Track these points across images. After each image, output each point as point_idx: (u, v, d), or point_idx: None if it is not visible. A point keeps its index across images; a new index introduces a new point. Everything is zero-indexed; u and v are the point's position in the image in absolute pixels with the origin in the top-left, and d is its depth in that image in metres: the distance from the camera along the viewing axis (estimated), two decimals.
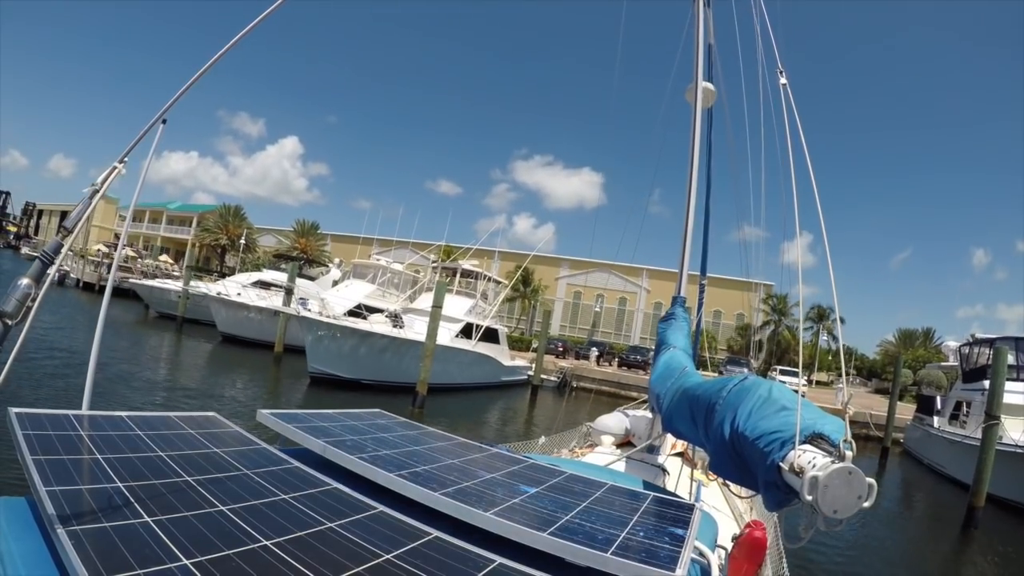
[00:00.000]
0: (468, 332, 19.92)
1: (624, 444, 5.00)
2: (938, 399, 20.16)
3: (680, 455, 4.80)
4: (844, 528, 1.62)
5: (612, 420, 5.33)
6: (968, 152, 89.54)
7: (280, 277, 25.70)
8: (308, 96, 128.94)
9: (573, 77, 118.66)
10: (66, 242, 1.52)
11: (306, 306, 17.07)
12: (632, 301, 53.51)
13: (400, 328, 17.83)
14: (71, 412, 1.88)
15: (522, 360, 25.99)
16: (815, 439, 1.78)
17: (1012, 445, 12.30)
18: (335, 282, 27.51)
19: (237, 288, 24.37)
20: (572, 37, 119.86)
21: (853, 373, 49.30)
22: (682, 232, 4.88)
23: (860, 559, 8.15)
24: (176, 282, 29.40)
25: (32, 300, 1.36)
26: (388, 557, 1.29)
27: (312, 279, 28.50)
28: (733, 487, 3.99)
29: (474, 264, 24.37)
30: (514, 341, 31.06)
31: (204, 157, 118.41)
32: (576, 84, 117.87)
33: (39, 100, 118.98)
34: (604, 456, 4.23)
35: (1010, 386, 12.78)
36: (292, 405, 13.14)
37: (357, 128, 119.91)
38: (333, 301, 20.11)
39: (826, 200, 2.29)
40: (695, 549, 1.76)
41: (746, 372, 26.03)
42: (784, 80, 2.69)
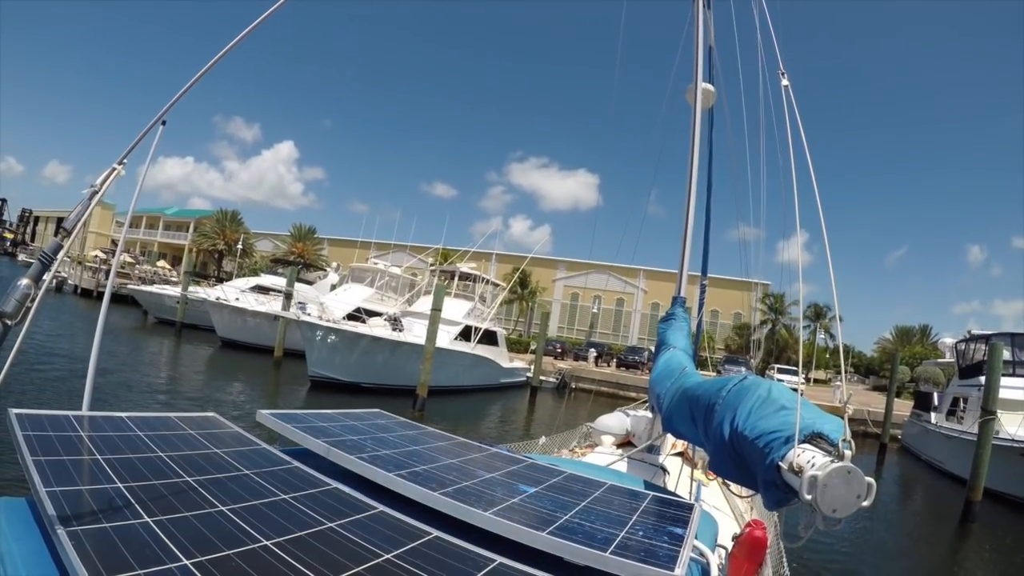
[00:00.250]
0: (467, 335, 19.91)
1: (624, 444, 4.99)
2: (935, 395, 20.23)
3: (680, 455, 4.80)
4: (843, 524, 1.63)
5: (612, 420, 5.32)
6: (963, 149, 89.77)
7: (278, 282, 25.65)
8: (303, 100, 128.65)
9: (567, 79, 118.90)
10: (65, 243, 1.53)
11: (305, 310, 17.05)
12: (629, 302, 53.50)
13: (399, 331, 17.82)
14: (71, 413, 1.89)
15: (521, 362, 25.98)
16: (814, 438, 1.78)
17: (1008, 440, 12.37)
18: (333, 286, 27.47)
19: (236, 293, 24.33)
20: (565, 39, 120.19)
21: (851, 371, 49.35)
22: (682, 232, 4.89)
23: (859, 554, 8.17)
24: (174, 287, 29.33)
25: (31, 301, 1.37)
26: (388, 557, 1.29)
27: (310, 283, 28.42)
28: (733, 487, 3.99)
29: (472, 267, 24.38)
30: (512, 343, 31.05)
31: (200, 162, 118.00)
32: (571, 85, 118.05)
33: (34, 107, 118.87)
34: (604, 456, 4.22)
35: (1006, 381, 12.84)
36: (293, 408, 13.06)
37: (352, 131, 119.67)
38: (332, 305, 20.09)
39: (822, 199, 2.29)
40: (694, 548, 1.76)
41: (743, 371, 26.03)
42: (786, 82, 2.69)
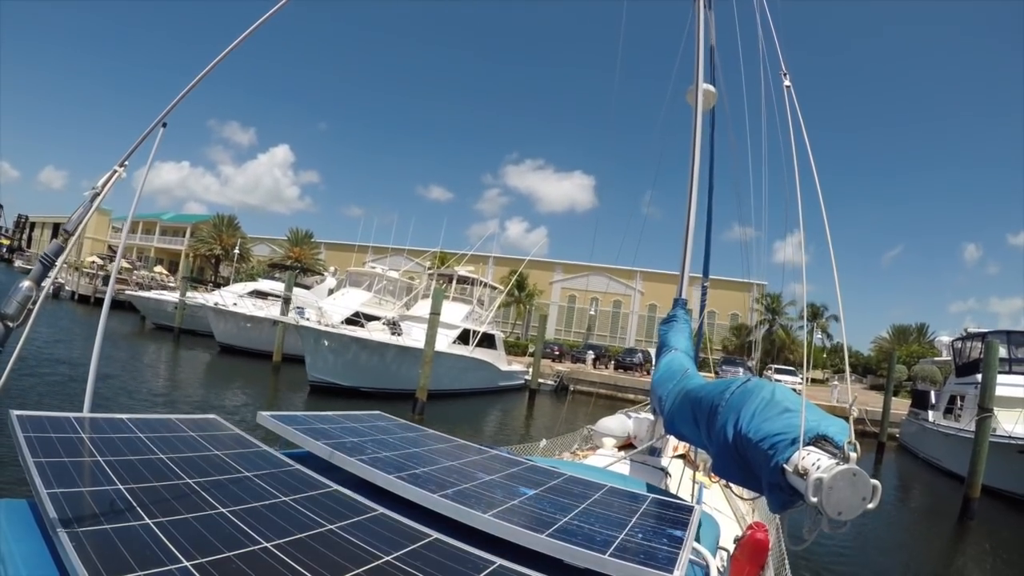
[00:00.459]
0: (465, 338, 19.88)
1: (626, 446, 4.97)
2: (932, 394, 20.31)
3: (682, 457, 4.79)
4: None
5: (614, 422, 5.31)
6: (958, 147, 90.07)
7: (276, 286, 25.61)
8: (298, 103, 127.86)
9: (562, 80, 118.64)
10: (67, 245, 1.53)
11: (304, 315, 17.00)
12: (626, 303, 53.49)
13: (398, 335, 17.79)
14: (72, 415, 1.89)
15: (519, 364, 25.96)
16: (819, 441, 1.78)
17: (1005, 437, 12.41)
18: (331, 290, 27.43)
19: (234, 298, 24.27)
20: (561, 40, 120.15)
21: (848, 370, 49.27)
22: (683, 234, 4.87)
23: (860, 552, 8.18)
24: (172, 293, 29.24)
25: (33, 303, 1.37)
26: (388, 559, 1.29)
27: (307, 288, 28.37)
28: (735, 489, 3.99)
29: (470, 270, 24.37)
30: (510, 346, 31.00)
31: (196, 167, 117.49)
32: (565, 87, 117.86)
33: (29, 111, 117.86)
34: (606, 458, 4.20)
35: (1002, 379, 12.88)
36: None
37: (347, 135, 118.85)
38: (330, 310, 20.06)
39: (817, 198, 2.30)
40: (694, 551, 1.76)
41: (741, 372, 26.00)
42: (788, 82, 2.69)
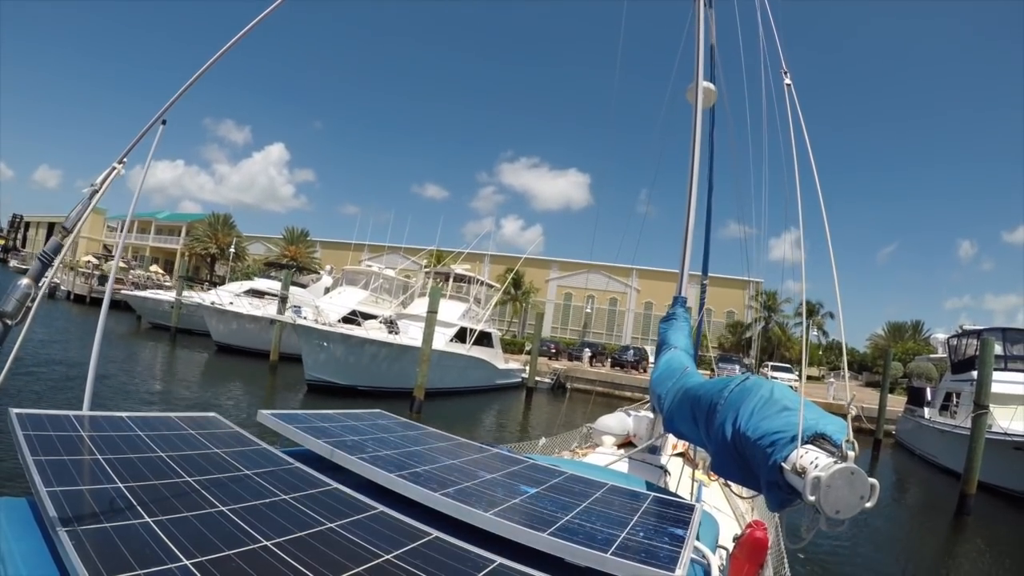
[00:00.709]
0: (462, 336, 19.88)
1: (625, 445, 4.97)
2: (928, 391, 20.44)
3: (681, 455, 4.80)
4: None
5: (613, 420, 5.29)
6: (953, 144, 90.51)
7: (272, 285, 25.52)
8: (293, 102, 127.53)
9: (557, 78, 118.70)
10: (65, 242, 1.52)
11: (300, 314, 16.95)
12: (623, 301, 53.54)
13: (396, 334, 17.78)
14: (71, 413, 1.88)
15: (516, 363, 25.98)
16: (817, 439, 1.78)
17: (1001, 433, 12.50)
18: (327, 289, 27.36)
19: (230, 297, 24.18)
20: (554, 38, 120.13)
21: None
22: (683, 232, 4.87)
23: (857, 548, 8.22)
24: (168, 292, 29.13)
25: (32, 301, 1.36)
26: (388, 557, 1.29)
27: (303, 286, 28.29)
28: (734, 487, 3.99)
29: (466, 268, 24.35)
30: (507, 344, 30.98)
31: (190, 165, 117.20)
32: (560, 85, 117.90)
33: (23, 110, 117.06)
34: (605, 457, 4.21)
35: (998, 376, 12.96)
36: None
37: (342, 133, 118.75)
38: (327, 308, 20.00)
39: (815, 196, 2.31)
40: (695, 549, 1.76)
41: (738, 369, 26.04)
42: (788, 80, 2.71)
